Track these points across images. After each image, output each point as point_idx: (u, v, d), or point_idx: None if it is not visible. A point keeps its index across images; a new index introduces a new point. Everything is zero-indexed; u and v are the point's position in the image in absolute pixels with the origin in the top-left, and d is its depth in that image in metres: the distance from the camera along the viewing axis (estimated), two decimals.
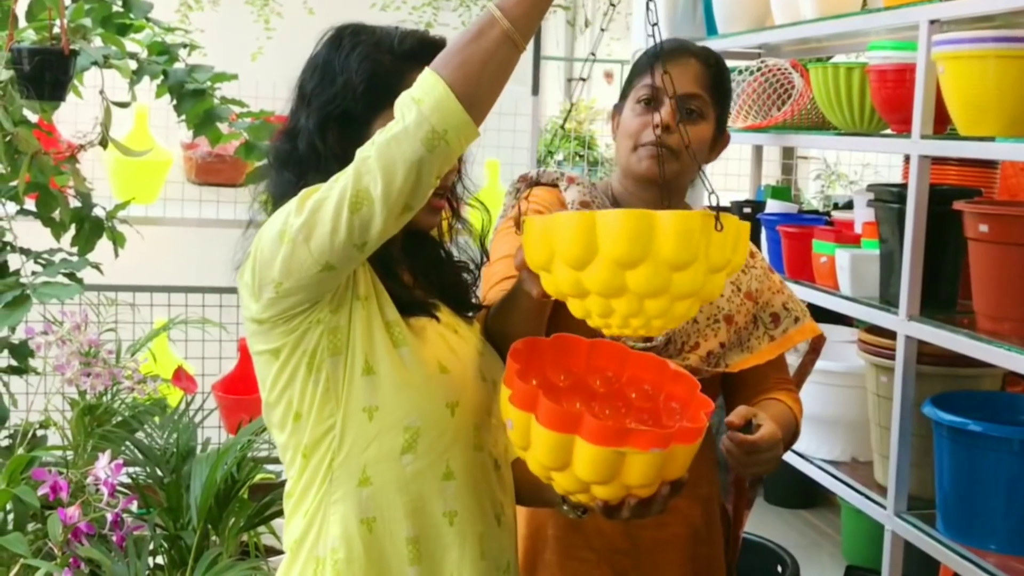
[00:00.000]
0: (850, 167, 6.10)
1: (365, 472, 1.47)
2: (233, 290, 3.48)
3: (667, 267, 1.33)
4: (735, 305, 1.89)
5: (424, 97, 1.29)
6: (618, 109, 1.91)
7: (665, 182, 1.80)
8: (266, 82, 4.06)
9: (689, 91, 1.82)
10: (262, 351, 1.50)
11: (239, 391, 3.92)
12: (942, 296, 2.56)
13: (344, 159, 1.38)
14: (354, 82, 1.47)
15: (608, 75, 7.64)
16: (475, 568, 1.51)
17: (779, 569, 2.74)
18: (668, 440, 1.36)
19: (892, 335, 2.54)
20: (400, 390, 1.46)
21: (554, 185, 1.94)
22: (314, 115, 1.49)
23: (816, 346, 2.02)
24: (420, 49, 1.47)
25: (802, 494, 4.15)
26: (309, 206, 1.35)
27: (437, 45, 1.46)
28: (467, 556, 1.50)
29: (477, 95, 1.30)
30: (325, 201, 1.34)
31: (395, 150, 1.30)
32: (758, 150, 4.18)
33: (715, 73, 1.86)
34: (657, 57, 1.74)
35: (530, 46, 5.26)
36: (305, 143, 1.49)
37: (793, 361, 2.04)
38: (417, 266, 1.59)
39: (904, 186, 2.56)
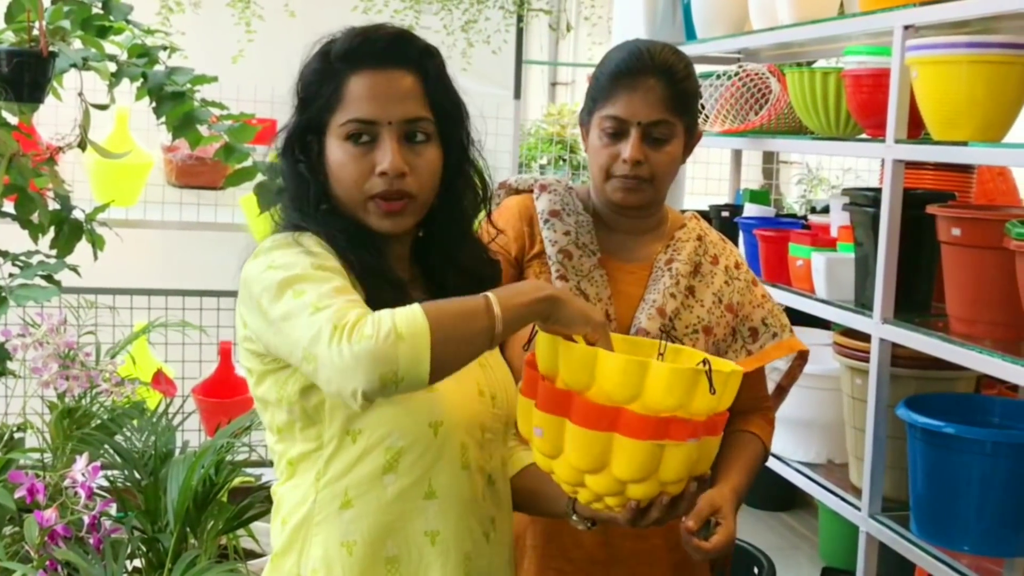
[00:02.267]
0: (831, 172, 6.14)
1: (347, 495, 1.47)
2: (213, 293, 3.50)
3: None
4: (715, 317, 1.90)
5: (405, 356, 1.29)
6: (584, 124, 1.89)
7: (641, 206, 1.86)
8: (247, 85, 4.07)
9: (654, 119, 1.79)
10: (246, 367, 1.53)
11: (219, 394, 3.92)
12: (916, 299, 2.58)
13: (308, 171, 1.49)
14: (305, 93, 1.51)
15: (590, 79, 7.66)
16: None
17: (755, 571, 2.76)
18: (700, 430, 1.35)
19: (867, 338, 2.56)
20: (382, 411, 1.44)
21: (528, 191, 1.95)
22: (286, 130, 1.53)
23: (802, 357, 2.04)
24: (359, 48, 1.49)
25: (779, 496, 4.17)
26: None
27: (377, 40, 1.49)
28: (450, 575, 1.49)
29: (445, 366, 1.33)
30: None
31: (355, 364, 1.29)
32: (737, 154, 4.21)
33: (679, 88, 1.82)
34: (619, 77, 1.79)
35: (512, 49, 5.25)
36: (283, 150, 1.53)
37: (781, 365, 2.05)
38: (424, 268, 1.59)
39: (879, 190, 2.58)
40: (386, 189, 1.46)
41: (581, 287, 1.85)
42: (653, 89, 1.79)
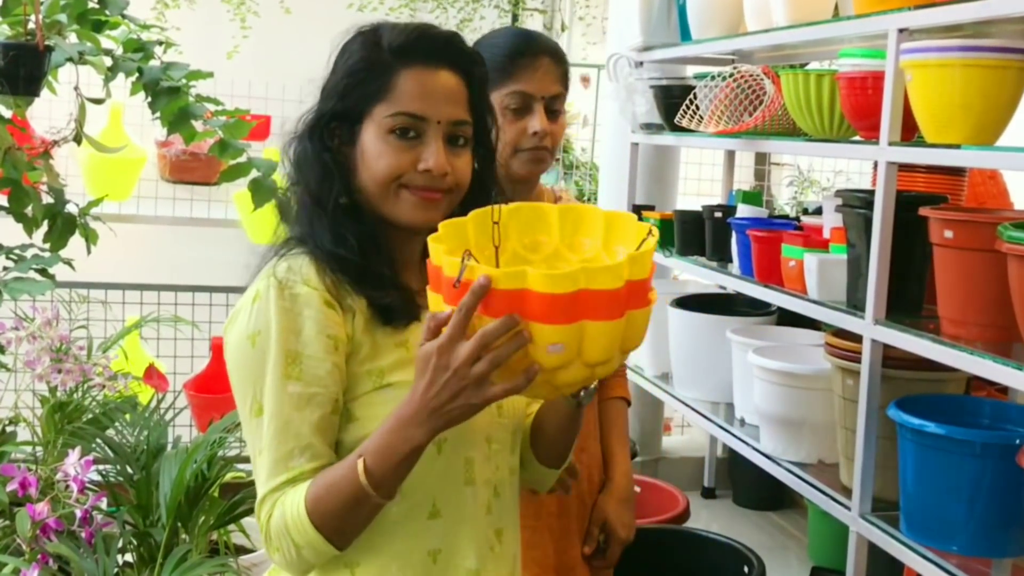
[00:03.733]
0: (822, 174, 6.16)
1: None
2: (206, 288, 3.50)
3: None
4: None
5: (305, 546, 1.37)
6: None
7: (540, 176, 2.03)
8: (242, 80, 4.08)
9: (554, 92, 1.96)
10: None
11: (211, 390, 3.92)
12: (908, 301, 2.59)
13: (337, 158, 1.46)
14: (348, 80, 1.47)
15: (585, 79, 7.66)
16: None
17: (745, 570, 2.77)
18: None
19: (858, 339, 2.57)
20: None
21: None
22: (309, 117, 1.49)
23: None
24: (414, 44, 1.47)
25: (770, 496, 4.18)
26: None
27: (435, 39, 1.48)
28: None
29: (349, 538, 1.39)
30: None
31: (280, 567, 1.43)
32: (730, 155, 4.22)
33: (565, 66, 2.00)
34: (518, 57, 1.93)
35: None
36: (306, 140, 1.49)
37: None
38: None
39: (872, 192, 2.59)
40: (425, 185, 1.45)
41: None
42: (550, 66, 1.96)
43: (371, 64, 1.46)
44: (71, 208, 2.73)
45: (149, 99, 2.64)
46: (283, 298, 1.41)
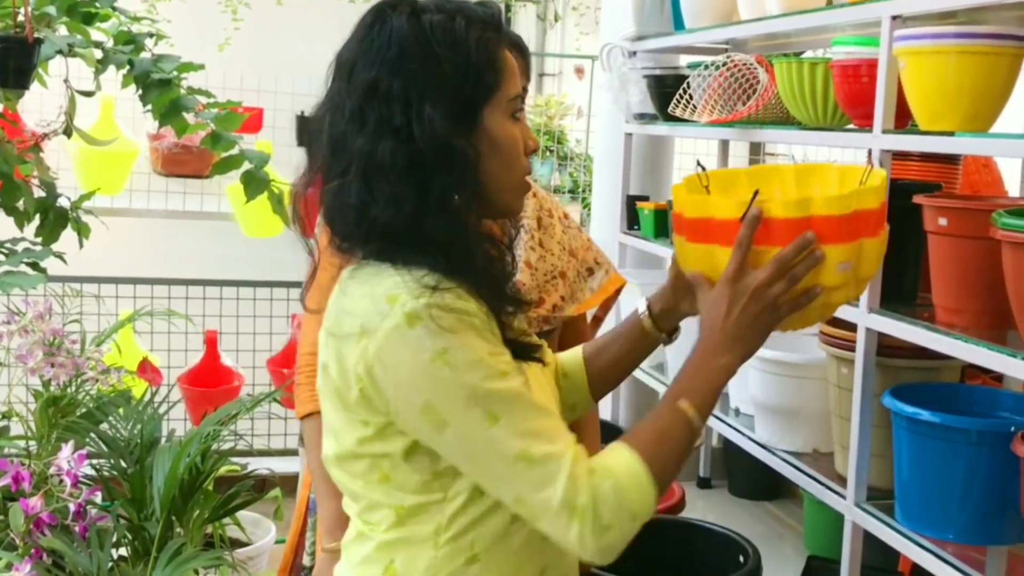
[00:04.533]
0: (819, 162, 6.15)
1: (473, 548, 1.35)
2: (199, 282, 3.46)
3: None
4: (564, 262, 2.10)
5: (640, 511, 1.29)
6: None
7: None
8: (233, 73, 4.06)
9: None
10: (340, 408, 1.36)
11: (204, 383, 3.92)
12: (903, 289, 2.59)
13: (470, 154, 1.32)
14: (475, 66, 1.34)
15: (579, 70, 7.65)
16: None
17: (741, 560, 2.77)
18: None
19: (853, 327, 2.56)
20: None
21: None
22: (440, 108, 1.31)
23: (618, 291, 2.24)
24: (499, 21, 1.39)
25: (765, 486, 4.18)
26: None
27: (500, 13, 1.40)
28: None
29: (664, 493, 1.34)
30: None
31: (599, 553, 1.28)
32: (725, 145, 4.21)
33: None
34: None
35: None
36: (432, 142, 1.31)
37: None
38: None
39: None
40: (529, 167, 1.41)
41: None
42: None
43: (491, 45, 1.36)
44: (63, 202, 2.71)
45: (140, 92, 2.62)
46: (448, 311, 1.28)
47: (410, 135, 1.30)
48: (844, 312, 2.59)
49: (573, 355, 1.62)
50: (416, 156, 1.30)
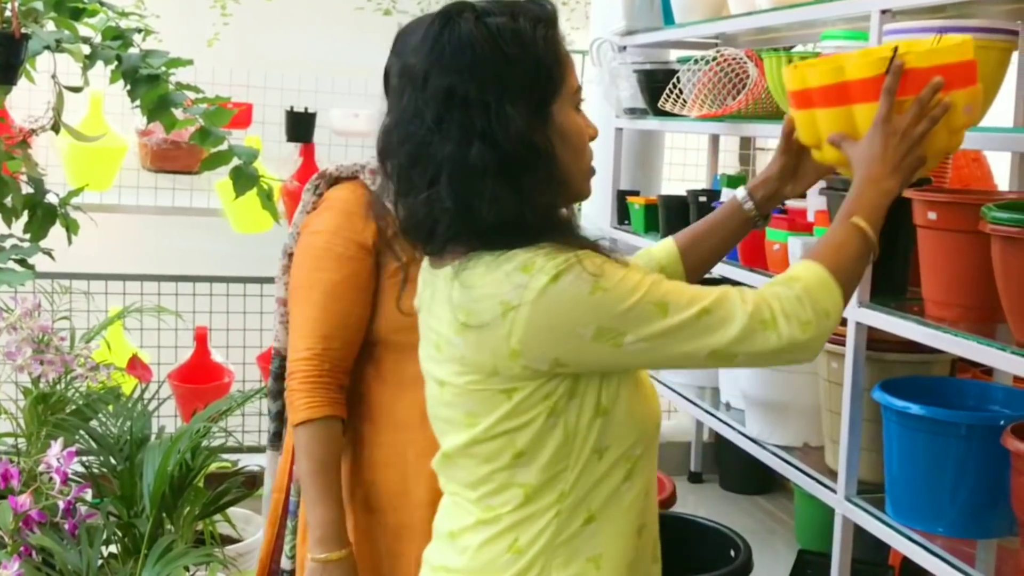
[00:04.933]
0: None
1: (591, 510, 1.47)
2: (189, 278, 3.46)
3: None
4: None
5: (831, 309, 1.48)
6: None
7: None
8: (222, 68, 4.05)
9: None
10: (483, 388, 1.45)
11: (195, 380, 3.91)
12: (892, 283, 2.59)
13: (549, 148, 1.42)
14: (544, 64, 1.43)
15: None
16: (657, 569, 1.60)
17: (732, 554, 2.78)
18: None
19: (843, 321, 2.56)
20: (630, 425, 1.48)
21: (354, 178, 1.98)
22: (518, 108, 1.39)
23: None
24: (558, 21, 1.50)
25: (756, 480, 4.19)
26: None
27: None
28: (657, 563, 1.59)
29: (850, 295, 1.53)
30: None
31: (805, 346, 1.45)
32: (715, 139, 4.21)
33: None
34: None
35: None
36: (517, 141, 1.39)
37: None
38: None
39: (849, 181, 2.58)
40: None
41: None
42: None
43: (551, 43, 1.45)
44: (51, 198, 2.70)
45: (128, 87, 2.61)
46: (583, 258, 1.40)
47: (494, 137, 1.38)
48: None
49: (668, 249, 1.80)
50: (503, 156, 1.38)
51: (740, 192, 1.80)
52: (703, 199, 3.47)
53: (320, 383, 1.90)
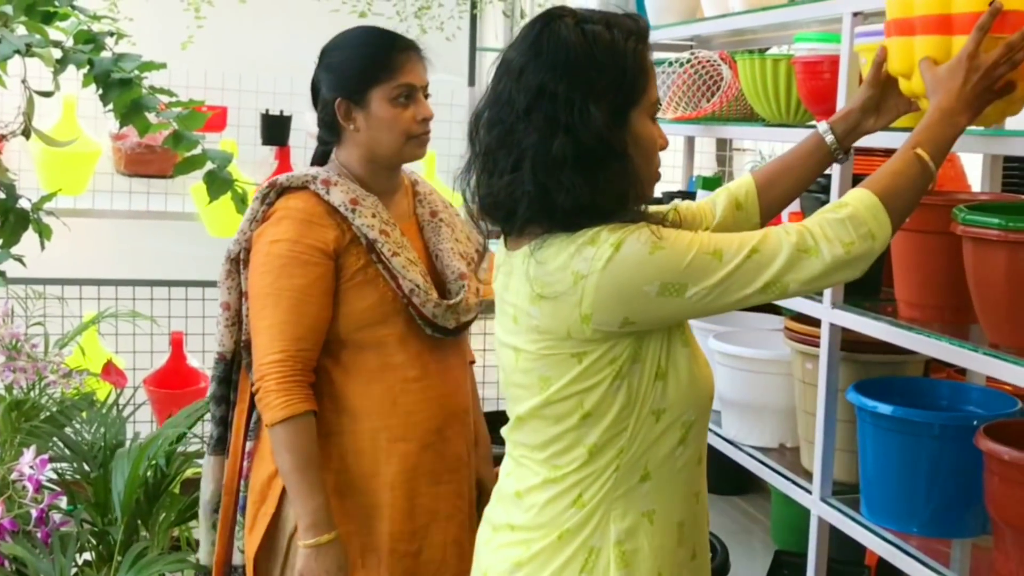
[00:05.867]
0: None
1: (646, 468, 1.62)
2: (164, 283, 3.45)
3: None
4: (469, 247, 2.32)
5: (877, 232, 1.59)
6: (355, 103, 2.13)
7: None
8: (196, 71, 4.03)
9: (427, 82, 2.19)
10: (556, 353, 1.59)
11: (170, 385, 3.89)
12: (866, 284, 2.59)
13: (623, 149, 1.55)
14: (630, 73, 1.56)
15: None
16: (706, 539, 1.76)
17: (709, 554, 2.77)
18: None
19: (817, 323, 2.57)
20: (686, 390, 1.62)
21: (304, 188, 2.13)
22: (601, 108, 1.53)
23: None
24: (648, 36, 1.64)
25: (732, 481, 4.20)
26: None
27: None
28: (705, 528, 1.75)
29: (902, 221, 1.64)
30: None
31: (849, 263, 1.58)
32: (690, 141, 4.22)
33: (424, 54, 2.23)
34: (396, 53, 2.12)
35: (466, 36, 5.23)
36: (596, 138, 1.54)
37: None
38: None
39: (829, 176, 2.59)
40: None
41: (409, 257, 2.15)
42: (420, 59, 2.18)
43: (639, 56, 1.59)
44: (24, 203, 2.68)
45: (100, 91, 2.59)
46: (642, 228, 1.55)
47: (576, 132, 1.52)
48: (808, 307, 2.61)
49: (746, 186, 1.92)
50: (582, 150, 1.53)
51: (822, 126, 1.90)
52: (678, 200, 3.47)
53: (295, 382, 2.03)
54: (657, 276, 1.52)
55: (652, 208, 1.69)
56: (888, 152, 3.05)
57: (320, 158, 2.25)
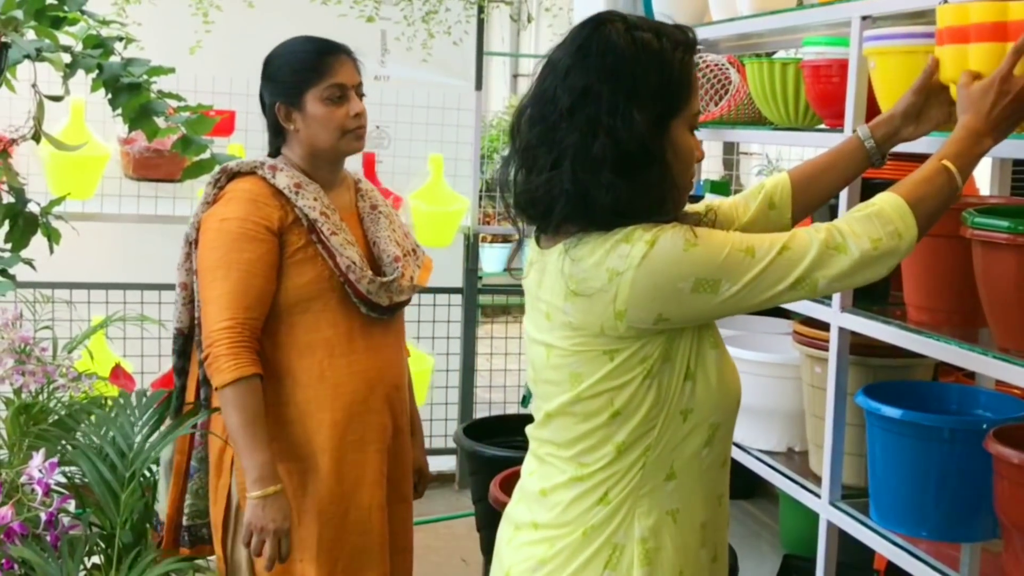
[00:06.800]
0: (791, 162, 6.18)
1: (672, 467, 1.64)
2: (172, 287, 3.49)
3: None
4: (409, 241, 2.52)
5: (904, 232, 1.62)
6: (291, 105, 2.35)
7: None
8: (205, 76, 4.04)
9: (358, 81, 2.40)
10: (588, 349, 1.60)
11: None
12: (875, 288, 2.57)
13: (662, 155, 1.57)
14: (674, 82, 1.58)
15: None
16: (726, 543, 1.78)
17: None
18: None
19: (826, 327, 2.57)
20: (714, 392, 1.64)
21: (252, 172, 2.34)
22: (643, 114, 1.55)
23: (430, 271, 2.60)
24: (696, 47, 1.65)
25: (741, 485, 4.18)
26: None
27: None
28: (726, 531, 1.77)
29: (928, 229, 1.67)
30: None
31: (877, 259, 1.61)
32: None
33: (356, 57, 2.43)
34: (328, 56, 2.34)
35: (473, 40, 5.25)
36: (636, 142, 1.55)
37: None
38: None
39: None
40: None
41: (347, 239, 2.33)
42: (349, 61, 2.40)
43: (686, 66, 1.60)
44: (32, 207, 2.69)
45: (109, 96, 2.60)
46: (675, 225, 1.58)
47: (617, 134, 1.54)
48: (817, 311, 2.61)
49: (782, 184, 1.92)
50: (622, 153, 1.54)
51: (862, 129, 1.92)
52: (715, 198, 3.47)
53: (244, 346, 2.20)
54: (692, 273, 1.54)
55: (686, 207, 1.72)
56: (896, 156, 3.06)
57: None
